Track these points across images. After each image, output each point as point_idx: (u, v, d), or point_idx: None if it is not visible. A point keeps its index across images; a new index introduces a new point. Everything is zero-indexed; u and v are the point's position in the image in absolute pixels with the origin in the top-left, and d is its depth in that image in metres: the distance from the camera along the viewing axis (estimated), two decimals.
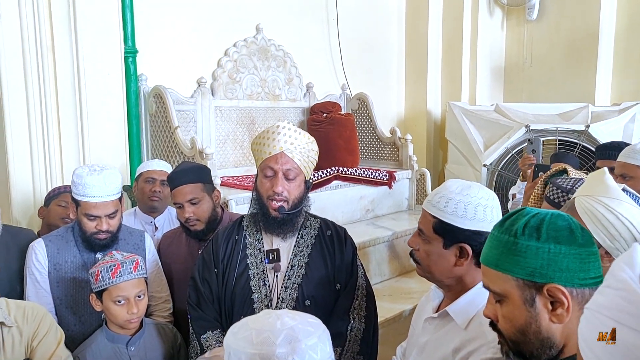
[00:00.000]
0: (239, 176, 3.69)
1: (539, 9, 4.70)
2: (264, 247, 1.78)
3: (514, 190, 3.08)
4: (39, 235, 2.12)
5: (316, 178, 3.39)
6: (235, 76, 3.77)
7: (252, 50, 3.86)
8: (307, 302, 1.72)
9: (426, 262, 1.36)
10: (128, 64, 3.19)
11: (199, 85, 3.57)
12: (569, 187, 1.67)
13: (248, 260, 1.77)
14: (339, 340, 1.68)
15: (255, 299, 1.73)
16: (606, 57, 4.44)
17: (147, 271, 1.90)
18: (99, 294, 1.75)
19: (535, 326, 0.92)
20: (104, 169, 1.91)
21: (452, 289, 1.35)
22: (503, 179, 4.10)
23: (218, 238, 1.84)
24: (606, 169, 1.33)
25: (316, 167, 1.91)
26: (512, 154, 4.05)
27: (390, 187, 3.91)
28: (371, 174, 3.79)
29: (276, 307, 1.71)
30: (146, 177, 2.55)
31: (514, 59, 5.01)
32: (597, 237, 1.20)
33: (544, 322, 0.91)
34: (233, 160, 3.82)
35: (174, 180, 2.15)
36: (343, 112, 4.31)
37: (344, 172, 3.64)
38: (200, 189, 2.13)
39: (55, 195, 2.43)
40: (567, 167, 2.19)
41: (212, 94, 3.66)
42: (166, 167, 2.62)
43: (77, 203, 1.93)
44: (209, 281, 1.79)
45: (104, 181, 1.88)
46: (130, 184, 2.99)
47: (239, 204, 2.91)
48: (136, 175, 2.64)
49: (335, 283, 1.78)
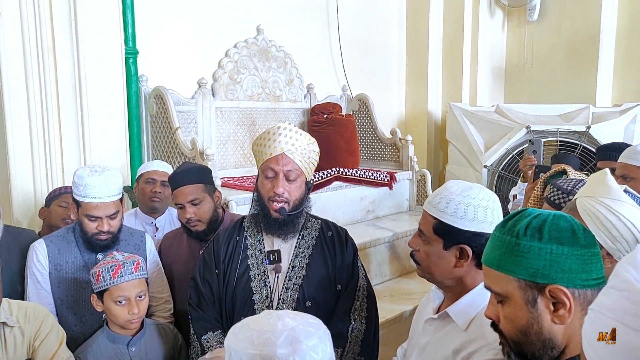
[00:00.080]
0: (239, 177, 3.69)
1: (540, 9, 4.70)
2: (264, 248, 1.78)
3: (514, 191, 3.08)
4: (39, 236, 2.12)
5: (317, 179, 3.39)
6: (236, 77, 3.77)
7: (252, 51, 3.86)
8: (308, 303, 1.72)
9: (426, 263, 1.36)
10: (129, 64, 3.19)
11: (200, 86, 3.57)
12: (569, 188, 1.67)
13: (249, 261, 1.77)
14: (339, 341, 1.68)
15: (256, 300, 1.73)
16: (607, 58, 4.44)
17: (147, 272, 1.90)
18: (100, 294, 1.76)
19: (537, 327, 0.91)
20: (104, 170, 1.92)
21: (452, 290, 1.35)
22: (503, 180, 4.10)
23: (219, 239, 1.84)
24: (608, 170, 1.33)
25: (317, 168, 1.91)
26: (513, 155, 4.04)
27: (390, 188, 3.91)
28: (372, 175, 3.79)
29: (277, 308, 1.71)
30: (147, 178, 2.55)
31: (514, 60, 5.01)
32: (599, 238, 1.20)
33: (545, 323, 0.91)
34: (234, 161, 3.82)
35: (175, 181, 2.15)
36: (344, 113, 4.31)
37: (344, 173, 3.64)
38: (201, 189, 2.13)
39: (56, 195, 2.43)
40: (567, 168, 2.19)
41: (213, 94, 3.66)
42: (167, 168, 2.62)
43: (78, 204, 1.94)
44: (209, 282, 1.79)
45: (104, 182, 1.88)
46: (131, 185, 2.99)
47: (239, 204, 2.91)
48: (137, 176, 2.64)
49: (336, 284, 1.78)
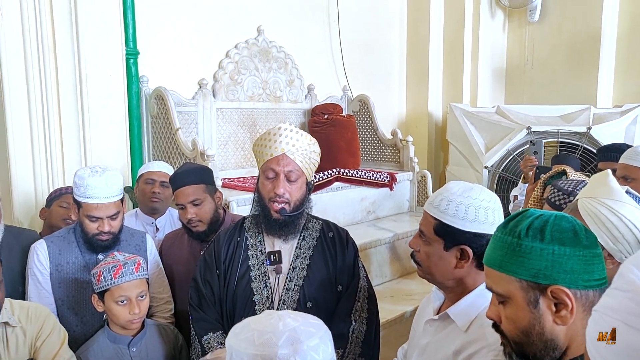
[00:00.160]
0: (240, 178, 3.69)
1: (541, 10, 4.70)
2: (265, 248, 1.78)
3: (515, 192, 3.08)
4: (40, 237, 2.12)
5: (317, 179, 3.39)
6: (237, 78, 3.77)
7: (253, 52, 3.86)
8: (309, 304, 1.71)
9: (427, 264, 1.36)
10: (129, 65, 3.20)
11: (200, 87, 3.57)
12: (569, 189, 1.66)
13: (249, 261, 1.77)
14: (340, 342, 1.68)
15: (257, 301, 1.72)
16: (608, 59, 4.44)
17: (148, 272, 1.90)
18: (101, 294, 1.76)
19: (538, 328, 0.91)
20: (105, 171, 1.92)
21: (452, 290, 1.35)
22: (504, 180, 4.09)
23: (220, 239, 1.83)
24: (610, 170, 1.32)
25: (317, 169, 1.91)
26: (514, 156, 4.04)
27: (391, 188, 3.91)
28: (372, 176, 3.79)
29: (277, 308, 1.71)
30: (146, 179, 2.55)
31: (515, 61, 5.01)
32: (600, 239, 1.19)
33: (547, 324, 0.91)
34: (234, 162, 3.82)
35: (177, 181, 2.15)
36: (344, 113, 4.31)
37: (345, 174, 3.64)
38: (202, 190, 2.13)
39: (56, 196, 2.43)
40: (567, 168, 2.19)
41: (214, 95, 3.66)
42: (166, 169, 2.62)
43: (78, 204, 1.94)
44: (210, 282, 1.79)
45: (105, 182, 1.88)
46: (131, 186, 3.00)
47: (240, 205, 2.91)
48: (137, 177, 2.64)
49: (336, 285, 1.77)
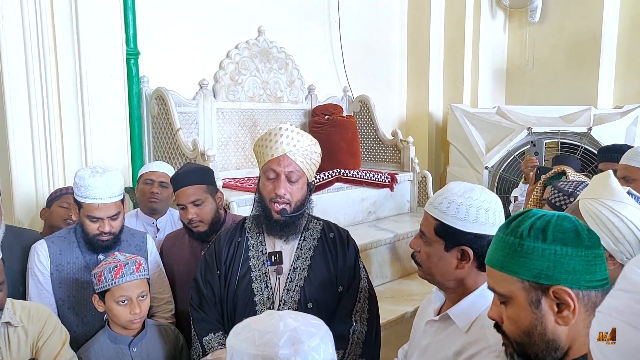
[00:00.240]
0: (240, 178, 3.69)
1: (541, 11, 4.70)
2: (266, 249, 1.78)
3: (515, 192, 3.08)
4: (41, 237, 2.12)
5: (318, 180, 3.39)
6: (237, 78, 3.77)
7: (253, 52, 3.86)
8: (310, 305, 1.71)
9: (427, 264, 1.36)
10: (130, 66, 3.19)
11: (201, 87, 3.57)
12: (570, 190, 1.66)
13: (250, 262, 1.77)
14: (341, 342, 1.67)
15: (258, 302, 1.72)
16: (609, 60, 4.44)
17: (149, 272, 1.90)
18: (102, 294, 1.76)
19: (540, 328, 0.91)
20: (106, 171, 1.92)
21: (453, 291, 1.34)
22: (505, 181, 4.09)
23: (220, 240, 1.83)
24: (611, 171, 1.32)
25: (318, 169, 1.91)
26: (514, 157, 4.04)
27: (391, 189, 3.91)
28: (373, 176, 3.79)
29: (278, 309, 1.71)
30: (145, 179, 2.55)
31: (516, 62, 5.01)
32: (601, 240, 1.19)
33: (549, 324, 0.90)
34: (235, 162, 3.82)
35: (178, 181, 2.15)
36: (345, 114, 4.30)
37: (345, 174, 3.64)
38: (203, 190, 2.13)
39: (57, 196, 2.43)
40: (566, 169, 2.19)
41: (214, 95, 3.66)
42: (165, 169, 2.61)
43: (79, 205, 1.94)
44: (211, 283, 1.78)
45: (106, 183, 1.88)
46: (132, 186, 3.00)
47: (240, 205, 2.90)
48: (137, 177, 2.64)
49: (337, 285, 1.77)
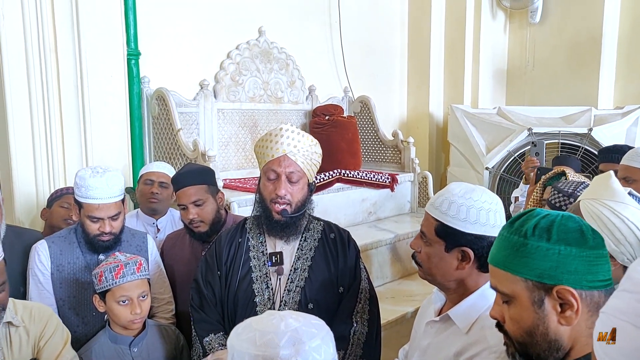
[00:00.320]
0: (241, 178, 3.69)
1: (542, 12, 4.69)
2: (267, 250, 1.78)
3: (516, 193, 3.08)
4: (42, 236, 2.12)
5: (318, 180, 3.39)
6: (238, 79, 3.77)
7: (254, 53, 3.86)
8: (310, 305, 1.71)
9: (427, 265, 1.36)
10: (131, 66, 3.19)
11: (202, 88, 3.57)
12: (570, 191, 1.66)
13: (251, 263, 1.77)
14: (342, 343, 1.67)
15: (258, 302, 1.72)
16: (609, 60, 4.44)
17: (149, 272, 1.90)
18: (102, 294, 1.76)
19: (542, 328, 0.91)
20: (106, 171, 1.92)
21: (454, 292, 1.34)
22: (505, 182, 4.09)
23: (221, 240, 1.83)
24: (612, 172, 1.32)
25: (318, 170, 1.91)
26: (515, 157, 4.04)
27: (392, 189, 3.91)
28: (373, 177, 3.79)
29: (279, 310, 1.70)
30: (145, 179, 2.55)
31: (516, 62, 5.01)
32: None
33: (552, 324, 0.90)
34: (235, 163, 3.82)
35: (179, 181, 2.15)
36: (345, 114, 4.30)
37: (346, 175, 3.64)
38: (204, 190, 2.13)
39: (57, 196, 2.43)
40: (566, 169, 2.19)
41: (215, 96, 3.66)
42: (165, 169, 2.62)
43: (79, 205, 1.94)
44: (211, 283, 1.78)
45: (106, 183, 1.88)
46: (132, 186, 3.00)
47: (241, 206, 2.90)
48: (138, 178, 2.64)
49: (338, 286, 1.77)
